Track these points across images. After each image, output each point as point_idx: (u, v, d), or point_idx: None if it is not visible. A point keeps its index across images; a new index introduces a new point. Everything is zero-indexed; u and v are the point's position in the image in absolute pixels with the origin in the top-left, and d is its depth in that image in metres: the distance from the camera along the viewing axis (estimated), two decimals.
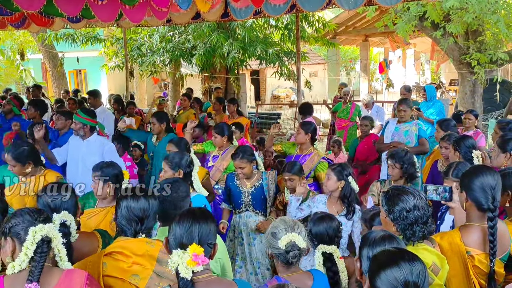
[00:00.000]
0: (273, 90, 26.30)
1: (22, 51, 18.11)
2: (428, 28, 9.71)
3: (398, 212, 2.69)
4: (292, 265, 2.78)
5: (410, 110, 6.36)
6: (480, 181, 2.82)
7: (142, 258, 2.57)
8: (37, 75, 23.10)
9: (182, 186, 3.05)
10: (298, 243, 2.73)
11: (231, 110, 8.47)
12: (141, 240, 2.65)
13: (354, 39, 20.31)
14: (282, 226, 2.80)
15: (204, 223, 2.22)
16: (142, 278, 2.51)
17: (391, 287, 1.84)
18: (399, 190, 2.78)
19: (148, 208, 2.73)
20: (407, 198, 2.71)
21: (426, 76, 28.40)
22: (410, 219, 2.67)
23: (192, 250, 2.06)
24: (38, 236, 2.14)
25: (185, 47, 12.40)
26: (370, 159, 6.67)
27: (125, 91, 12.57)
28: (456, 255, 2.78)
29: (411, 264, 1.87)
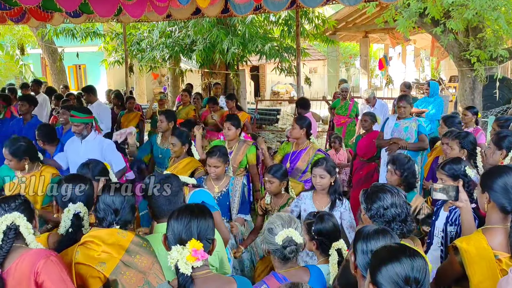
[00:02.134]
0: (273, 86, 26.28)
1: (22, 46, 18.11)
2: (428, 24, 9.68)
3: (375, 209, 2.70)
4: (289, 261, 2.78)
5: (410, 106, 6.36)
6: (503, 181, 2.73)
7: (110, 247, 2.60)
8: (36, 70, 23.06)
9: (174, 181, 3.04)
10: (295, 239, 2.74)
11: (230, 105, 8.46)
12: (113, 230, 2.69)
13: (354, 35, 20.29)
14: (279, 221, 2.80)
15: (202, 219, 2.21)
16: (108, 267, 2.55)
17: (392, 282, 1.85)
18: (378, 188, 2.79)
19: (124, 200, 2.77)
20: (385, 196, 2.71)
21: (426, 72, 28.37)
22: (387, 216, 2.67)
23: (192, 246, 2.06)
24: (3, 226, 2.38)
25: (185, 42, 12.37)
26: (367, 155, 6.67)
27: (124, 87, 12.55)
28: (485, 260, 2.68)
29: (412, 259, 1.88)
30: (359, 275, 2.27)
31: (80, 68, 24.34)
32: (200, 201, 3.64)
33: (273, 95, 25.68)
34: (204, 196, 3.69)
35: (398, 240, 2.32)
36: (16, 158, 4.32)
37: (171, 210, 2.82)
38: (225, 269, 3.13)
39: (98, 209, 2.76)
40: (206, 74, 13.44)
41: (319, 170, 4.21)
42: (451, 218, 3.69)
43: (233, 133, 5.64)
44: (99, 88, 10.16)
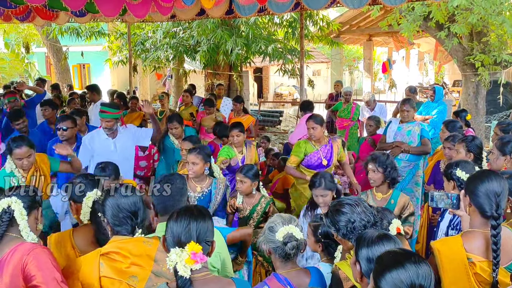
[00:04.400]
0: (276, 88, 26.30)
1: (27, 44, 18.19)
2: (432, 28, 9.69)
3: (344, 227, 2.64)
4: (290, 260, 2.78)
5: (413, 110, 6.35)
6: (485, 187, 2.72)
7: (140, 259, 2.52)
8: (41, 69, 23.12)
9: (178, 179, 3.04)
10: (295, 234, 2.74)
11: (237, 108, 8.41)
12: (138, 240, 2.59)
13: (358, 38, 20.29)
14: (279, 220, 2.82)
15: (201, 221, 2.20)
16: (140, 280, 2.48)
17: None
18: (335, 206, 2.72)
19: (137, 200, 2.68)
20: (345, 210, 2.65)
21: (430, 76, 28.33)
22: (358, 228, 2.61)
23: (191, 249, 2.05)
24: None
25: (189, 43, 12.39)
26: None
27: (128, 86, 12.57)
28: (456, 262, 2.69)
29: (417, 266, 1.84)
30: (365, 283, 2.23)
31: (84, 67, 24.38)
32: None
33: (276, 97, 25.70)
34: None
35: (401, 245, 2.30)
36: (34, 149, 4.41)
37: (174, 206, 2.83)
38: (227, 271, 3.12)
39: (111, 217, 2.61)
40: (210, 75, 13.45)
41: (319, 191, 4.16)
42: (453, 222, 3.69)
43: (242, 139, 5.79)
44: (103, 87, 10.17)
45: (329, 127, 11.58)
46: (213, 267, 2.94)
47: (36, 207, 2.63)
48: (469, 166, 3.73)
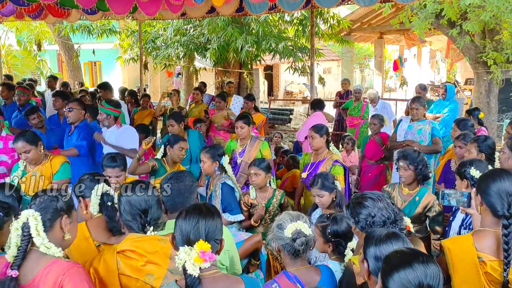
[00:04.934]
0: (286, 85, 26.26)
1: (39, 41, 18.33)
2: (444, 26, 9.62)
3: (363, 220, 2.64)
4: (299, 257, 2.78)
5: (423, 108, 6.30)
6: (497, 186, 2.70)
7: (155, 256, 2.55)
8: (53, 66, 23.29)
9: (187, 176, 3.05)
10: (304, 230, 2.74)
11: (248, 106, 8.39)
12: (153, 238, 2.63)
13: (369, 36, 20.18)
14: (287, 217, 2.82)
15: (210, 219, 2.19)
16: (157, 278, 2.49)
17: None
18: (358, 198, 2.72)
19: (149, 198, 2.73)
20: (367, 204, 2.65)
21: (441, 75, 28.13)
22: (378, 223, 2.61)
23: (199, 247, 2.05)
24: (21, 222, 2.25)
25: (200, 41, 12.40)
26: (375, 157, 6.65)
27: (139, 84, 12.62)
28: (467, 260, 2.68)
29: (426, 266, 1.83)
30: (372, 281, 2.23)
31: (95, 64, 24.52)
32: None
33: (287, 94, 25.67)
34: None
35: (410, 244, 2.28)
36: (34, 145, 4.39)
37: (183, 203, 2.83)
38: (235, 269, 3.12)
39: (124, 213, 2.72)
40: (220, 72, 13.47)
41: (314, 190, 4.12)
42: (466, 221, 3.67)
43: (246, 131, 5.67)
44: (114, 85, 10.22)
45: (338, 125, 11.57)
46: (222, 265, 2.95)
47: (60, 216, 2.40)
48: (483, 165, 3.72)
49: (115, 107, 5.66)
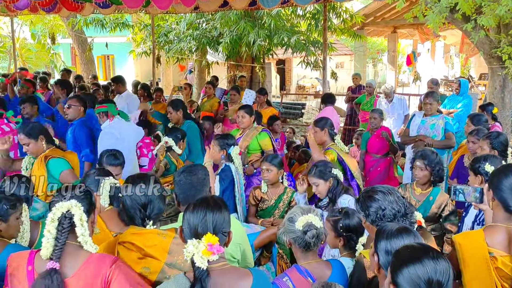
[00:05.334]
0: (299, 80, 26.19)
1: (53, 35, 18.44)
2: (459, 20, 9.50)
3: (374, 213, 2.64)
4: (310, 250, 2.78)
5: (436, 103, 6.26)
6: (509, 181, 2.68)
7: (153, 250, 2.58)
8: (66, 59, 23.46)
9: (200, 170, 3.07)
10: (315, 223, 2.75)
11: (261, 100, 8.39)
12: (153, 232, 2.67)
13: (382, 31, 20.03)
14: (298, 210, 2.83)
15: (218, 212, 2.20)
16: (152, 272, 2.52)
17: (413, 284, 1.80)
18: (368, 192, 2.73)
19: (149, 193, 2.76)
20: (378, 197, 2.65)
21: (455, 69, 27.87)
22: (388, 216, 2.62)
23: (207, 240, 2.06)
24: (59, 213, 2.21)
25: (212, 34, 12.42)
26: (382, 151, 6.60)
27: (151, 77, 12.66)
28: (478, 255, 2.67)
29: (435, 261, 1.82)
30: (382, 275, 2.23)
31: (108, 58, 24.65)
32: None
33: (299, 89, 25.60)
34: None
35: (421, 239, 2.28)
36: (33, 138, 4.30)
37: (195, 196, 2.85)
38: (247, 262, 3.14)
39: (126, 207, 2.77)
40: (232, 66, 13.47)
41: (311, 178, 4.15)
42: (479, 217, 3.65)
43: (247, 121, 5.66)
44: (127, 78, 10.27)
45: (350, 120, 11.52)
46: (233, 258, 2.96)
47: (93, 210, 2.43)
48: (497, 161, 3.70)
49: (100, 103, 5.68)
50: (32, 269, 2.20)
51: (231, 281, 2.15)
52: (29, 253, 2.27)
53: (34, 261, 2.23)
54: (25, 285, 2.19)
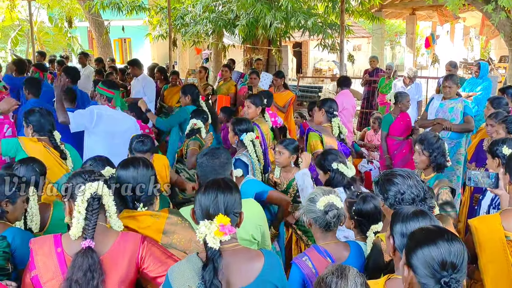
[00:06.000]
0: (315, 63, 26.03)
1: (70, 18, 18.51)
2: (479, 1, 9.33)
3: (392, 197, 2.64)
4: (330, 231, 2.81)
5: (456, 86, 6.17)
6: None
7: (147, 231, 2.61)
8: (83, 43, 23.60)
9: (223, 153, 3.07)
10: (336, 203, 2.77)
11: (278, 83, 8.35)
12: (146, 214, 2.68)
13: (401, 13, 19.75)
14: (319, 191, 2.85)
15: (229, 193, 2.22)
16: None
17: (427, 265, 1.80)
18: (387, 175, 2.72)
19: (137, 176, 2.72)
20: (397, 181, 2.64)
21: (475, 52, 27.42)
22: (407, 200, 2.61)
23: (219, 221, 2.08)
24: (87, 194, 2.26)
25: (228, 17, 12.35)
26: (404, 134, 6.55)
27: (168, 61, 12.67)
28: (494, 239, 2.67)
29: (450, 243, 1.82)
30: (397, 257, 2.24)
31: (125, 41, 24.71)
32: (253, 192, 3.65)
33: (315, 72, 25.46)
34: (254, 185, 3.77)
35: (437, 222, 2.28)
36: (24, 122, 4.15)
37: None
38: (266, 244, 3.17)
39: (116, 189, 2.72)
40: (249, 49, 13.42)
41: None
42: (495, 201, 3.63)
43: (253, 111, 5.56)
44: (144, 62, 10.30)
45: (367, 103, 11.44)
46: (254, 239, 3.00)
47: None
48: None
49: (108, 87, 5.38)
50: (62, 250, 2.26)
51: (243, 261, 2.18)
52: (53, 236, 2.32)
53: (62, 243, 2.29)
54: (56, 266, 2.24)
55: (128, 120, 5.43)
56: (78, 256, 2.18)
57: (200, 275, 2.05)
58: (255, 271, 2.17)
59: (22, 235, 2.77)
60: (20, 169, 3.24)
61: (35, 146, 4.14)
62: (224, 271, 2.08)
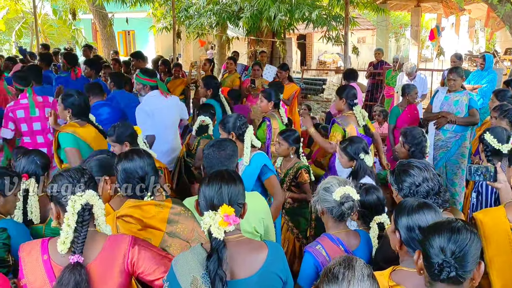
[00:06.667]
0: (320, 55, 25.95)
1: (74, 10, 18.48)
2: None
3: (407, 188, 2.65)
4: (343, 221, 2.83)
5: (460, 79, 6.13)
6: None
7: (152, 221, 2.62)
8: (87, 35, 23.57)
9: (230, 145, 3.07)
10: (352, 195, 2.77)
11: (282, 76, 8.32)
12: (150, 203, 2.68)
13: (406, 4, 19.60)
14: (335, 181, 2.84)
15: (232, 184, 2.24)
16: (154, 242, 2.56)
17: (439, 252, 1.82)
18: (404, 166, 2.72)
19: (144, 165, 2.74)
20: (414, 173, 2.65)
21: (480, 44, 27.26)
22: (421, 193, 2.62)
23: (223, 211, 2.10)
24: (78, 206, 2.13)
25: (232, 9, 12.33)
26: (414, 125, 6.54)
27: (172, 53, 12.66)
28: (500, 232, 2.67)
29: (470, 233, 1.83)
30: (404, 251, 2.25)
31: (129, 34, 24.68)
32: (262, 163, 3.75)
33: (320, 64, 25.39)
34: (265, 159, 3.84)
35: (441, 213, 2.29)
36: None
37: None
38: (269, 237, 3.18)
39: (121, 182, 2.74)
40: (253, 42, 13.39)
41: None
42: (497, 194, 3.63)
43: (265, 105, 5.53)
44: (148, 54, 10.29)
45: (371, 96, 11.42)
46: (256, 232, 3.01)
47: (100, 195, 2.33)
48: (502, 132, 3.66)
49: (150, 76, 5.50)
50: (48, 258, 2.14)
51: (247, 252, 2.20)
52: (41, 242, 2.20)
53: (48, 250, 2.16)
54: (43, 275, 2.13)
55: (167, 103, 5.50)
56: (65, 272, 2.05)
57: (205, 266, 2.06)
58: (259, 262, 2.19)
59: (16, 226, 2.79)
60: (22, 161, 3.26)
61: (86, 131, 4.28)
62: (228, 262, 2.10)
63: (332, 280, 1.70)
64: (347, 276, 1.69)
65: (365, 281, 1.69)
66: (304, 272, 2.72)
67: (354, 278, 1.69)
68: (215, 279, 2.00)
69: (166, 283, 2.13)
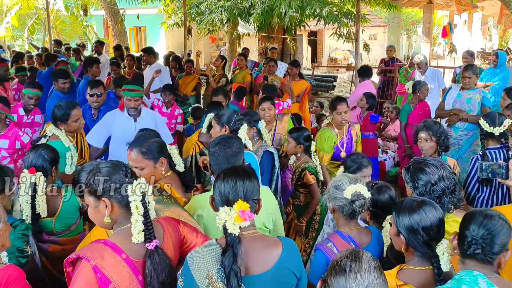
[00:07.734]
0: (331, 52, 25.86)
1: (85, 7, 18.59)
2: None
3: (423, 186, 2.63)
4: (354, 218, 2.83)
5: (475, 77, 6.06)
6: None
7: None
8: (99, 31, 23.69)
9: (235, 143, 3.08)
10: (363, 193, 2.77)
11: (293, 73, 8.29)
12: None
13: (418, 1, 19.47)
14: (345, 179, 2.83)
15: (247, 180, 2.25)
16: None
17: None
18: (420, 164, 2.70)
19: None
20: (430, 171, 2.63)
21: (493, 42, 27.01)
22: (437, 191, 2.61)
23: (239, 207, 2.11)
24: (139, 195, 2.18)
25: (243, 6, 12.30)
26: None
27: (183, 49, 12.68)
28: None
29: None
30: (410, 252, 2.26)
31: (140, 30, 24.75)
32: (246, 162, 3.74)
33: (330, 61, 25.30)
34: (251, 159, 3.79)
35: (440, 210, 2.30)
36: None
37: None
38: (278, 232, 3.18)
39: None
40: (263, 38, 13.37)
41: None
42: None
43: (274, 113, 5.40)
44: (159, 50, 10.33)
45: (382, 93, 11.36)
46: (265, 227, 3.02)
47: None
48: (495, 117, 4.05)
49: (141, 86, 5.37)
50: (127, 256, 2.14)
51: (262, 248, 2.20)
52: (108, 245, 2.14)
53: (121, 249, 2.15)
54: (129, 272, 2.13)
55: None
56: (152, 257, 2.14)
57: (220, 261, 2.07)
58: (274, 258, 2.19)
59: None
60: (29, 155, 3.29)
61: None
62: (243, 258, 2.11)
63: (340, 272, 1.71)
64: (354, 268, 1.70)
65: (372, 273, 1.69)
66: (316, 269, 2.73)
67: (361, 270, 1.69)
68: (229, 275, 2.01)
69: (181, 277, 2.15)
